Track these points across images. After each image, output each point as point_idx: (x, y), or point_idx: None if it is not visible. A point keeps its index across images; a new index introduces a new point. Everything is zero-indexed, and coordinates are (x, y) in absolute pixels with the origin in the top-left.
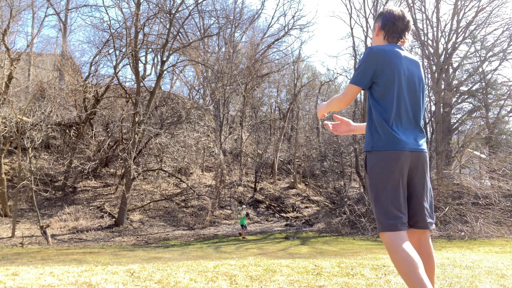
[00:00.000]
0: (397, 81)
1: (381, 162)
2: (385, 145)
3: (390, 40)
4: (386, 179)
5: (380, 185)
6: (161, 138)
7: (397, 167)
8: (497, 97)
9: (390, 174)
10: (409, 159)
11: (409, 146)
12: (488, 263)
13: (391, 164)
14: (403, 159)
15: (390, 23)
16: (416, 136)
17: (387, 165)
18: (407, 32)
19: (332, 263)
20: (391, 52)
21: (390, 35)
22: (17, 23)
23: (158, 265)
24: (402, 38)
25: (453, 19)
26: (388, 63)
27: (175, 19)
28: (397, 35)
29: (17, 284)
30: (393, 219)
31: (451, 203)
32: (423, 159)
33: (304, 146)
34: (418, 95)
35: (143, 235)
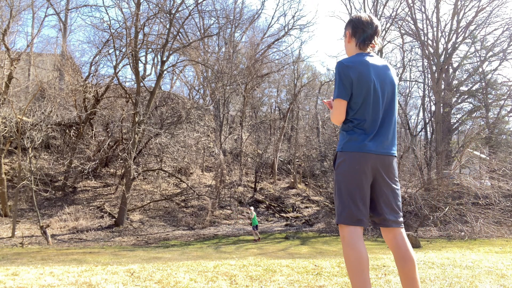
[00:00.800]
0: (367, 89)
1: (347, 161)
2: (352, 147)
3: (361, 46)
4: (350, 178)
5: (344, 182)
6: (161, 138)
7: (361, 168)
8: (497, 97)
9: (354, 173)
10: (375, 161)
11: (376, 150)
12: (488, 263)
13: (356, 164)
14: (368, 161)
15: (359, 30)
16: (384, 140)
17: (352, 165)
18: (376, 36)
19: (332, 263)
20: (360, 62)
21: (360, 41)
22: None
23: (158, 265)
24: (372, 43)
25: (453, 19)
26: (359, 73)
27: (175, 19)
28: (367, 41)
29: (17, 284)
30: (351, 214)
31: (451, 203)
32: (389, 162)
33: (304, 146)
34: (390, 100)
35: (143, 235)
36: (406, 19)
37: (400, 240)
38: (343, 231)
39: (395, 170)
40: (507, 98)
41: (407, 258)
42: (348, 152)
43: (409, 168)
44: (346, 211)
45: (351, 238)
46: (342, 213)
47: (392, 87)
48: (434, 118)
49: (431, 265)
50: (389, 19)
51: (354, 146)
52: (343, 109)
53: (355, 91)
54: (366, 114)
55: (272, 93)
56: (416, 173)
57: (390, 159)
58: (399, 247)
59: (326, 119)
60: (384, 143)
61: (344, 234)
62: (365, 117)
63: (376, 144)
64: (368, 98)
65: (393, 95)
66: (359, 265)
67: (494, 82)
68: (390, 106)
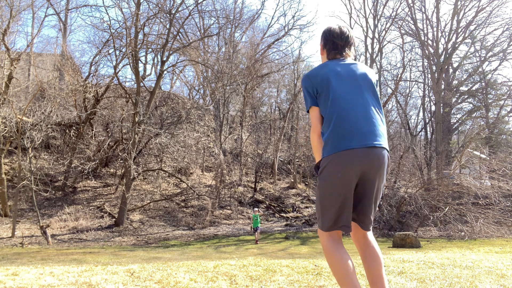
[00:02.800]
0: (333, 89)
1: (328, 166)
2: (331, 149)
3: (330, 57)
4: (333, 183)
5: (326, 189)
6: (161, 138)
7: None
8: (497, 97)
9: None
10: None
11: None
12: (488, 263)
13: (338, 167)
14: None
15: (329, 42)
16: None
17: (334, 171)
18: (348, 47)
19: None
20: (321, 67)
21: (330, 52)
22: (17, 23)
23: (158, 265)
24: (344, 54)
25: (453, 19)
26: (321, 78)
27: (175, 19)
28: (337, 51)
29: (17, 284)
30: (333, 222)
31: (451, 203)
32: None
33: (304, 146)
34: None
35: (143, 235)
36: (406, 19)
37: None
38: (322, 238)
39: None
40: (507, 98)
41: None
42: (329, 156)
43: (409, 168)
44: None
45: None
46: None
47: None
48: (434, 118)
49: (431, 265)
50: (389, 19)
51: (333, 147)
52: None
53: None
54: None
55: (272, 93)
56: (416, 173)
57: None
58: (368, 244)
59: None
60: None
61: (324, 242)
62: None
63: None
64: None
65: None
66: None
67: (494, 82)
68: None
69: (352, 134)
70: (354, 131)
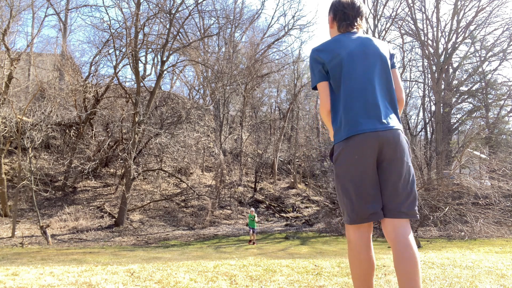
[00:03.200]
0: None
1: (343, 151)
2: (345, 133)
3: (341, 29)
4: (351, 170)
5: (345, 177)
6: (161, 138)
7: (362, 155)
8: (497, 97)
9: (354, 163)
10: (375, 140)
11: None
12: (488, 263)
13: (355, 152)
14: (367, 142)
15: (340, 12)
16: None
17: (350, 154)
18: (359, 18)
19: (332, 263)
20: (332, 41)
21: (341, 24)
22: (17, 23)
23: (158, 265)
24: (355, 25)
25: (453, 19)
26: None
27: (175, 19)
28: (348, 23)
29: (17, 284)
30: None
31: (451, 203)
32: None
33: (304, 146)
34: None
35: (143, 235)
36: (406, 19)
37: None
38: (348, 232)
39: (403, 148)
40: (507, 98)
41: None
42: (342, 142)
43: None
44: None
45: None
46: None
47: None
48: (434, 118)
49: (431, 265)
50: (389, 19)
51: (346, 131)
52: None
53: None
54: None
55: (272, 93)
56: (416, 173)
57: (394, 134)
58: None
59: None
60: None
61: (350, 236)
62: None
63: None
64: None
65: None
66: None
67: (494, 82)
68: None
69: (365, 117)
70: (367, 114)
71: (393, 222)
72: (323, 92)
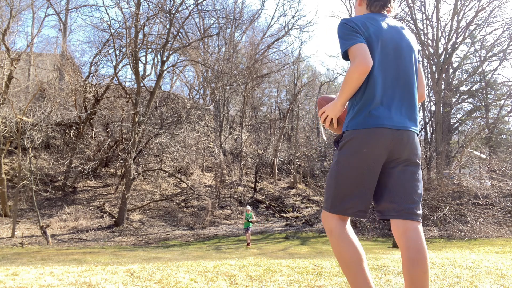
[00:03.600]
0: (380, 47)
1: (353, 140)
2: (361, 123)
3: (373, 9)
4: (354, 161)
5: (346, 164)
6: (161, 138)
7: (372, 149)
8: (497, 97)
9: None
10: (391, 138)
11: (391, 123)
12: (488, 263)
13: (364, 143)
14: (382, 139)
15: None
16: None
17: (360, 145)
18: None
19: (332, 263)
20: (370, 18)
21: (373, 4)
22: (17, 23)
23: (158, 265)
24: (387, 7)
25: (453, 19)
26: (366, 30)
27: (175, 19)
28: (382, 3)
29: (17, 284)
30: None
31: (451, 203)
32: (410, 140)
33: (304, 146)
34: (408, 64)
35: (143, 235)
36: (406, 19)
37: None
38: (328, 221)
39: (417, 150)
40: (507, 98)
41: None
42: (356, 130)
43: None
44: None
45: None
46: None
47: (409, 50)
48: (434, 118)
49: (431, 265)
50: None
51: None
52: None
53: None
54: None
55: (272, 93)
56: None
57: (410, 135)
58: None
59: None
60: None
61: (331, 224)
62: (379, 84)
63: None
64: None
65: (411, 60)
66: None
67: (494, 82)
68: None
69: (387, 112)
70: (390, 109)
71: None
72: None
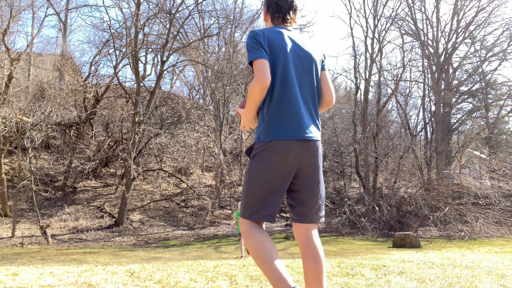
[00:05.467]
0: (282, 60)
1: (263, 152)
2: (270, 135)
3: (275, 22)
4: (264, 169)
5: (257, 173)
6: (161, 138)
7: (279, 158)
8: (497, 97)
9: (271, 165)
10: (295, 149)
11: (298, 134)
12: (488, 263)
13: (273, 154)
14: (289, 149)
15: (273, 5)
16: (306, 123)
17: (269, 155)
18: (292, 11)
19: (332, 263)
20: (272, 31)
21: (274, 16)
22: (17, 23)
23: (158, 265)
24: (288, 18)
25: (453, 19)
26: (272, 43)
27: (175, 19)
28: (281, 15)
29: (17, 284)
30: (257, 210)
31: (451, 203)
32: (314, 149)
33: None
34: (309, 74)
35: (143, 235)
36: (406, 19)
37: (312, 236)
38: (242, 225)
39: (319, 158)
40: (507, 98)
41: (317, 256)
42: (266, 142)
43: (409, 168)
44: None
45: (251, 230)
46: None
47: (309, 60)
48: (434, 118)
49: (431, 265)
50: (389, 19)
51: (272, 133)
52: (266, 69)
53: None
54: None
55: None
56: (416, 173)
57: (314, 145)
58: (310, 243)
59: (326, 119)
60: (307, 127)
61: (244, 228)
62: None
63: (297, 127)
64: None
65: (312, 70)
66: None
67: (494, 82)
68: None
69: (294, 123)
70: (296, 120)
71: (307, 226)
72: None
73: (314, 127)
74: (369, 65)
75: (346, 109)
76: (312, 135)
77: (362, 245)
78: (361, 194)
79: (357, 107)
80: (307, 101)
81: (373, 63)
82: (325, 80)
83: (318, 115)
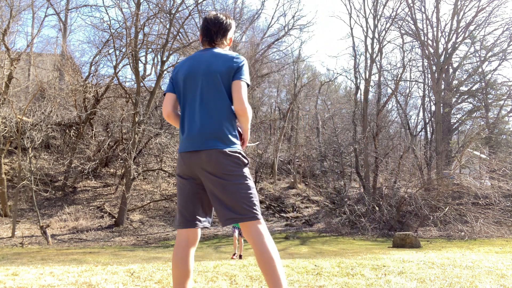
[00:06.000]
0: (182, 81)
1: (177, 164)
2: (179, 149)
3: (204, 44)
4: (177, 181)
5: (177, 185)
6: (161, 138)
7: (181, 170)
8: (497, 97)
9: (177, 177)
10: (193, 160)
11: (189, 147)
12: (488, 263)
13: (178, 167)
14: (186, 161)
15: (204, 29)
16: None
17: (177, 168)
18: (221, 34)
19: (332, 263)
20: (190, 58)
21: (204, 39)
22: (17, 23)
23: (158, 265)
24: (215, 42)
25: (453, 19)
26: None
27: (175, 19)
28: (208, 39)
29: (17, 284)
30: (177, 218)
31: (451, 203)
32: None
33: (304, 146)
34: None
35: (143, 235)
36: (406, 19)
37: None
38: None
39: (221, 165)
40: (507, 98)
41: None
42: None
43: (409, 168)
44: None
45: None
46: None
47: (211, 75)
48: (434, 118)
49: (431, 265)
50: (389, 19)
51: (180, 147)
52: (167, 101)
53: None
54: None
55: (272, 93)
56: (416, 173)
57: (211, 154)
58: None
59: (326, 119)
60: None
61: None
62: (183, 115)
63: (190, 141)
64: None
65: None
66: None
67: (494, 82)
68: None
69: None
70: (189, 133)
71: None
72: (166, 101)
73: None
74: (369, 65)
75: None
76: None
77: (362, 245)
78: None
79: (357, 107)
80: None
81: (373, 63)
82: (234, 90)
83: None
